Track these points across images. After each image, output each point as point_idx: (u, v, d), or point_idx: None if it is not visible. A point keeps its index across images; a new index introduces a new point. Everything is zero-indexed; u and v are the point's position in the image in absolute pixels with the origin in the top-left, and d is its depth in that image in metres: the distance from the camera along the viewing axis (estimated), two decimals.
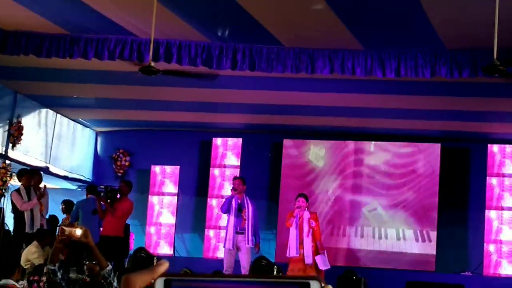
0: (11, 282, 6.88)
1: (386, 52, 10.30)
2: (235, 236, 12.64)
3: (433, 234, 14.92)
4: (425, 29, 9.59)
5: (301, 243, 12.36)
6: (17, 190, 12.72)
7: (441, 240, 14.90)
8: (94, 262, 7.43)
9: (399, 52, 10.28)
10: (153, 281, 1.16)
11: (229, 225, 12.71)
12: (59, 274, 7.45)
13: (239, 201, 12.72)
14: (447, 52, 10.19)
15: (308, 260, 12.28)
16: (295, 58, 10.50)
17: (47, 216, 13.48)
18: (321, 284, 1.17)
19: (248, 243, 12.60)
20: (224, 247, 13.02)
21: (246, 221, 12.64)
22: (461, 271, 14.49)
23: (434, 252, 14.85)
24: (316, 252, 12.35)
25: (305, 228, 12.35)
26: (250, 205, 12.73)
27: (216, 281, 1.19)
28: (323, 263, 12.31)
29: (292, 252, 12.39)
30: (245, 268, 12.52)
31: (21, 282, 9.93)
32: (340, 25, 9.65)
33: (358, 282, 12.03)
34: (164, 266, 1.17)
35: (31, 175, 12.94)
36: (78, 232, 7.78)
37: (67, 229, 7.63)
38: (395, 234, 15.19)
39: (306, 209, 12.57)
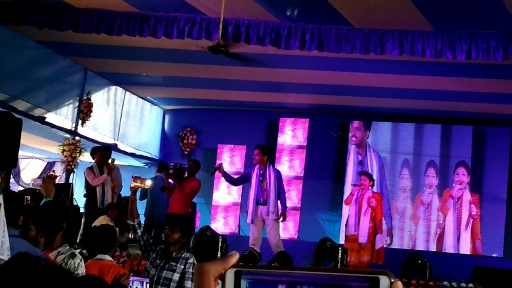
0: (108, 258, 7.01)
1: (457, 34, 10.12)
2: (256, 207, 12.19)
3: (502, 221, 14.72)
4: (498, 10, 9.40)
5: (358, 222, 12.30)
6: (90, 167, 12.87)
7: (509, 227, 14.68)
8: (168, 229, 7.65)
9: (470, 34, 10.09)
10: (224, 271, 1.16)
11: (250, 197, 12.35)
12: (139, 232, 7.69)
13: (261, 171, 12.30)
14: None
15: (362, 239, 12.21)
16: (364, 39, 10.39)
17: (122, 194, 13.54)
18: (390, 280, 1.15)
19: (272, 216, 12.09)
20: (246, 222, 12.64)
21: (268, 192, 12.17)
22: None
23: (502, 238, 14.65)
24: (375, 232, 12.30)
25: (364, 207, 12.28)
26: (272, 174, 12.25)
27: (285, 273, 1.19)
28: (379, 242, 12.30)
29: (349, 230, 12.36)
30: (273, 244, 12.03)
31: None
32: (410, 6, 9.52)
33: (424, 266, 11.89)
34: (235, 257, 1.18)
35: (104, 152, 13.03)
36: (148, 182, 8.35)
37: (138, 179, 8.11)
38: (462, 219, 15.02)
39: (370, 188, 12.49)
